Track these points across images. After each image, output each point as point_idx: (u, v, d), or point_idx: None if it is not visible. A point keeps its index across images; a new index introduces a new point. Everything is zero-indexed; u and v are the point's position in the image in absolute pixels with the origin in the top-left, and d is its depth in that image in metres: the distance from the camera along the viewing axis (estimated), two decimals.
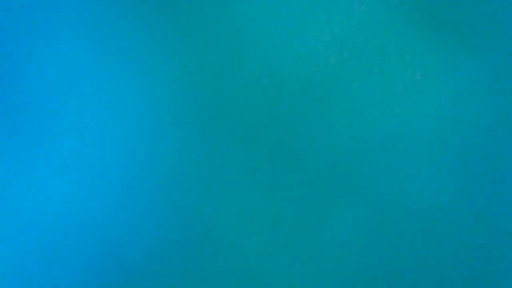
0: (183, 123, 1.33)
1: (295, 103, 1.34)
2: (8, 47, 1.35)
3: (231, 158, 1.33)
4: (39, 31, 1.35)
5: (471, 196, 1.32)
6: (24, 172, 1.31)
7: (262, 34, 1.36)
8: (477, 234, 1.31)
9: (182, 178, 1.32)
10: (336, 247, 1.30)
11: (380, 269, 1.30)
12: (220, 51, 1.36)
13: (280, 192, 1.32)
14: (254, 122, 1.33)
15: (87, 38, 1.35)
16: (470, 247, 1.30)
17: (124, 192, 1.31)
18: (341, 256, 1.30)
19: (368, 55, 1.35)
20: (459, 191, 1.32)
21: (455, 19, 1.36)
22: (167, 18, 1.36)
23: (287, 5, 1.36)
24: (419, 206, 1.31)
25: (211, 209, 1.31)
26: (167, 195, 1.31)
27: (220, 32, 1.36)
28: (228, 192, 1.32)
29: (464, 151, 1.33)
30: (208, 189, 1.31)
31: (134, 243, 1.30)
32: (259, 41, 1.35)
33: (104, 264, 1.29)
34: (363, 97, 1.34)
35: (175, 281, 1.30)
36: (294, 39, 1.36)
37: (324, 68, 1.35)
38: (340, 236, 1.30)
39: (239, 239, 1.30)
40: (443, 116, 1.34)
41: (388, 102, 1.34)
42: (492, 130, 1.33)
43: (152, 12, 1.36)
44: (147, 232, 1.30)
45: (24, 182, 1.31)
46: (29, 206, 1.30)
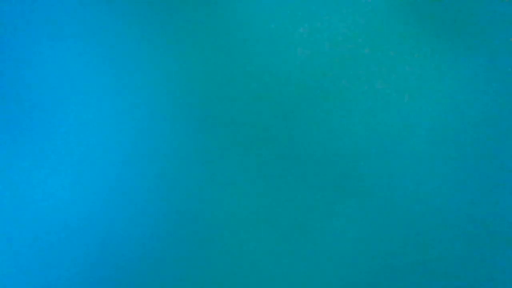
0: (183, 123, 1.33)
1: (295, 103, 1.34)
2: (8, 47, 1.35)
3: (231, 158, 1.32)
4: (38, 31, 1.35)
5: (471, 196, 1.32)
6: (23, 171, 1.31)
7: (262, 34, 1.36)
8: (477, 234, 1.31)
9: (182, 178, 1.32)
10: (336, 247, 1.30)
11: (380, 269, 1.30)
12: (220, 51, 1.36)
13: (281, 191, 1.32)
14: (254, 122, 1.33)
15: (86, 37, 1.35)
16: (470, 247, 1.30)
17: (124, 192, 1.31)
18: (341, 256, 1.30)
19: (368, 55, 1.36)
20: (459, 191, 1.32)
21: (455, 19, 1.37)
22: (166, 18, 1.36)
23: (287, 5, 1.36)
24: (419, 206, 1.31)
25: (211, 209, 1.31)
26: (167, 194, 1.31)
27: (220, 32, 1.36)
28: (227, 192, 1.31)
29: (464, 150, 1.33)
30: (207, 189, 1.31)
31: (134, 242, 1.30)
32: (259, 41, 1.36)
33: (104, 263, 1.29)
34: (363, 97, 1.34)
35: (174, 280, 1.29)
36: (294, 39, 1.36)
37: (324, 68, 1.35)
38: (340, 236, 1.30)
39: (238, 238, 1.30)
40: (444, 116, 1.34)
41: (389, 102, 1.34)
42: (492, 130, 1.33)
43: (152, 12, 1.36)
44: (146, 232, 1.30)
45: (23, 180, 1.31)
46: (28, 205, 1.30)
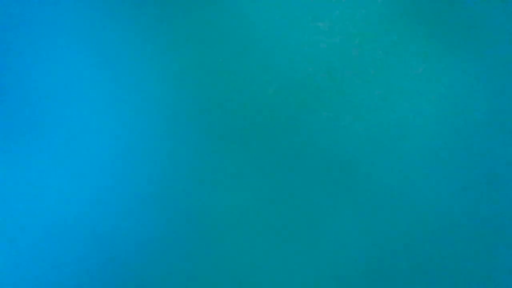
0: (182, 123, 1.33)
1: (295, 102, 1.34)
2: (7, 47, 1.35)
3: (231, 157, 1.33)
4: (37, 31, 1.35)
5: (472, 196, 1.32)
6: (22, 171, 1.31)
7: (262, 33, 1.36)
8: (478, 234, 1.31)
9: (182, 178, 1.32)
10: (336, 247, 1.30)
11: (380, 269, 1.29)
12: (219, 51, 1.36)
13: (280, 191, 1.32)
14: (254, 122, 1.34)
15: (86, 37, 1.36)
16: (470, 247, 1.30)
17: (123, 192, 1.31)
18: (341, 256, 1.30)
19: (368, 55, 1.36)
20: (459, 191, 1.32)
21: (455, 20, 1.37)
22: (166, 17, 1.37)
23: (287, 5, 1.37)
24: (420, 206, 1.31)
25: (210, 208, 1.31)
26: (167, 194, 1.31)
27: (219, 31, 1.37)
28: (226, 192, 1.31)
29: (464, 150, 1.33)
30: (207, 188, 1.31)
31: (134, 242, 1.30)
32: (259, 40, 1.36)
33: (104, 263, 1.29)
34: (363, 97, 1.34)
35: (174, 280, 1.29)
36: (294, 39, 1.36)
37: (324, 68, 1.35)
38: (341, 236, 1.30)
39: (237, 238, 1.30)
40: (444, 116, 1.34)
41: (389, 102, 1.34)
42: (492, 130, 1.34)
43: (151, 12, 1.37)
44: (146, 232, 1.30)
45: (22, 180, 1.31)
46: (27, 205, 1.30)
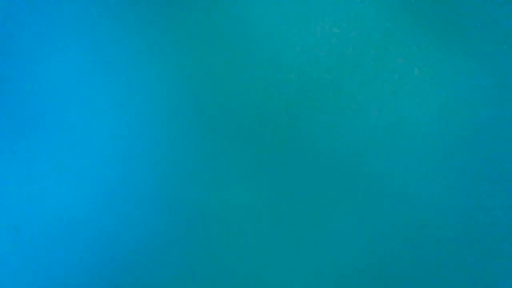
0: (183, 123, 1.33)
1: (295, 101, 1.34)
2: (7, 47, 1.35)
3: (230, 157, 1.33)
4: (36, 31, 1.35)
5: (472, 195, 1.32)
6: (21, 171, 1.31)
7: (261, 33, 1.36)
8: (480, 234, 1.31)
9: (182, 178, 1.32)
10: (337, 247, 1.30)
11: (381, 269, 1.30)
12: (218, 51, 1.36)
13: (281, 191, 1.32)
14: (254, 121, 1.34)
15: (85, 37, 1.35)
16: (473, 247, 1.30)
17: (123, 192, 1.31)
18: (342, 255, 1.30)
19: (368, 55, 1.36)
20: (460, 191, 1.32)
21: (455, 20, 1.37)
22: (166, 17, 1.37)
23: (287, 5, 1.37)
24: (420, 205, 1.31)
25: (210, 208, 1.31)
26: (167, 194, 1.31)
27: (219, 31, 1.36)
28: (227, 191, 1.32)
29: (464, 150, 1.33)
30: (207, 188, 1.32)
31: (134, 242, 1.30)
32: (258, 40, 1.36)
33: (103, 263, 1.29)
34: (363, 97, 1.35)
35: (174, 280, 1.29)
36: (294, 38, 1.36)
37: (324, 68, 1.35)
38: (341, 236, 1.30)
39: (237, 238, 1.30)
40: (444, 116, 1.34)
41: (389, 102, 1.34)
42: (494, 129, 1.34)
43: (151, 13, 1.37)
44: (146, 232, 1.30)
45: (21, 181, 1.31)
46: (28, 205, 1.30)
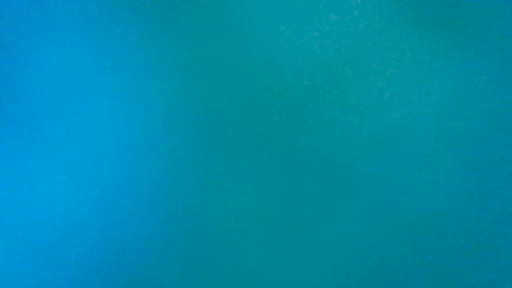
0: (183, 123, 1.33)
1: (295, 102, 1.34)
2: (7, 47, 1.35)
3: (231, 157, 1.33)
4: (36, 31, 1.35)
5: (472, 195, 1.32)
6: (21, 171, 1.31)
7: (262, 34, 1.36)
8: (479, 234, 1.31)
9: (182, 178, 1.32)
10: (337, 247, 1.30)
11: (382, 268, 1.30)
12: (218, 51, 1.36)
13: (281, 191, 1.32)
14: (254, 122, 1.34)
15: (85, 37, 1.35)
16: (472, 246, 1.30)
17: (123, 192, 1.31)
18: (342, 255, 1.30)
19: (368, 55, 1.36)
20: (459, 191, 1.32)
21: (455, 19, 1.37)
22: (166, 17, 1.37)
23: (287, 5, 1.37)
24: (420, 205, 1.31)
25: (210, 208, 1.31)
26: (167, 194, 1.31)
27: (220, 32, 1.36)
28: (227, 192, 1.32)
29: (464, 150, 1.33)
30: (207, 188, 1.31)
31: (133, 242, 1.30)
32: (258, 41, 1.36)
33: (103, 263, 1.29)
34: (363, 97, 1.34)
35: (174, 280, 1.29)
36: (294, 39, 1.36)
37: (324, 68, 1.35)
38: (341, 236, 1.30)
39: (237, 238, 1.30)
40: (444, 116, 1.34)
41: (389, 102, 1.34)
42: (493, 129, 1.34)
43: (150, 13, 1.37)
44: (146, 232, 1.30)
45: (21, 180, 1.31)
46: (28, 205, 1.30)
